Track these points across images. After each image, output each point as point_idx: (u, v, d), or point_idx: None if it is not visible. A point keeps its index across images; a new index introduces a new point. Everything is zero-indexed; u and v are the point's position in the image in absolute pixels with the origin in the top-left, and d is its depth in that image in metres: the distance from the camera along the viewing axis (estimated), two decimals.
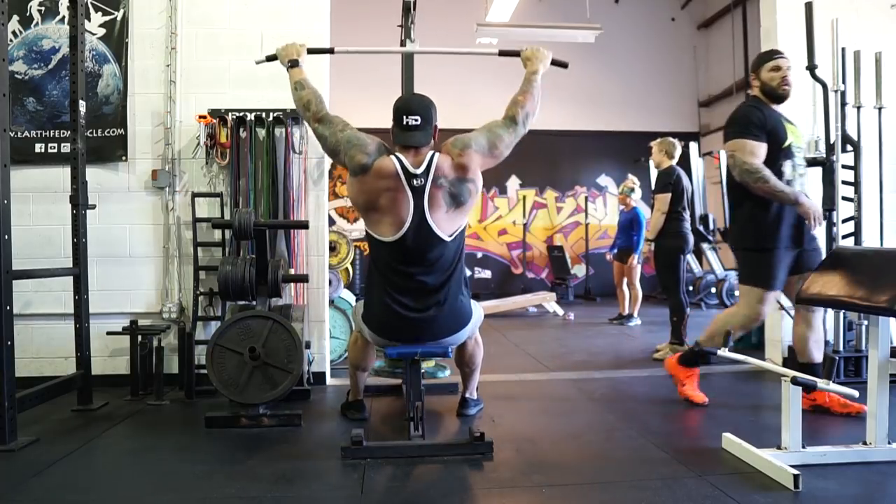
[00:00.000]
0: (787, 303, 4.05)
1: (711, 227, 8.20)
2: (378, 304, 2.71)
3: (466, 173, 2.64)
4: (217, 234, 3.82)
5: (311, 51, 2.98)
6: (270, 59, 2.97)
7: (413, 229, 2.58)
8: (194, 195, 3.78)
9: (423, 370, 2.93)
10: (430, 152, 2.64)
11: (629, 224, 6.82)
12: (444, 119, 2.71)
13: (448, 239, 2.63)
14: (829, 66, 3.87)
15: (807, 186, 3.25)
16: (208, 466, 2.49)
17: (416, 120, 2.62)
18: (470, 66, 9.69)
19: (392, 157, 2.61)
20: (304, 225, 3.49)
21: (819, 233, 4.03)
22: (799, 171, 3.19)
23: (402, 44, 3.61)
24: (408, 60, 3.58)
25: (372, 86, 8.93)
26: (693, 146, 8.36)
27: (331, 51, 3.18)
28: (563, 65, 3.02)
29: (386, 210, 2.60)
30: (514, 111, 2.79)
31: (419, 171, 2.58)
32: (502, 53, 3.11)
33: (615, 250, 7.07)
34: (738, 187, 3.17)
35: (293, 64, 2.86)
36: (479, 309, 2.98)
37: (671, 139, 4.95)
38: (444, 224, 2.61)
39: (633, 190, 6.89)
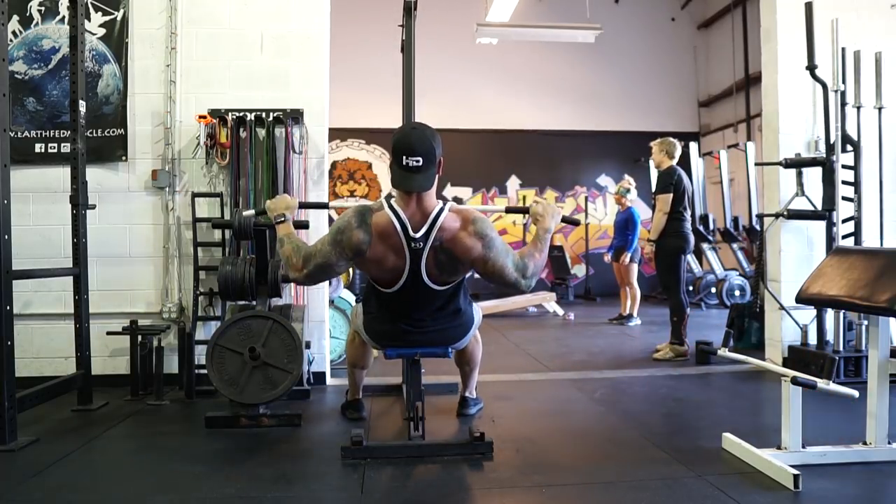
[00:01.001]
0: (785, 302, 4.05)
1: (711, 227, 8.20)
2: (376, 320, 2.69)
3: (463, 254, 2.42)
4: (217, 234, 3.82)
5: (303, 205, 2.93)
6: (259, 213, 2.96)
7: (409, 284, 2.47)
8: (194, 195, 3.78)
9: None
10: (437, 207, 2.43)
11: (624, 224, 6.85)
12: (444, 119, 2.69)
13: (446, 288, 2.54)
14: (829, 66, 3.87)
15: None
16: (208, 466, 2.49)
17: (418, 161, 2.33)
18: (470, 66, 9.70)
19: (387, 212, 2.41)
20: (304, 225, 3.48)
21: (818, 232, 4.05)
22: None
23: (403, 44, 3.61)
24: (408, 62, 3.58)
25: (372, 85, 8.94)
26: (693, 146, 8.36)
27: (325, 206, 3.19)
28: (575, 223, 2.93)
29: (387, 267, 2.46)
30: (528, 262, 2.47)
31: (419, 234, 2.39)
32: (509, 210, 3.06)
33: (612, 251, 7.09)
34: None
35: (280, 220, 2.69)
36: (478, 311, 2.96)
37: (671, 139, 4.95)
38: (441, 280, 2.50)
39: (628, 190, 6.91)
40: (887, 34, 4.20)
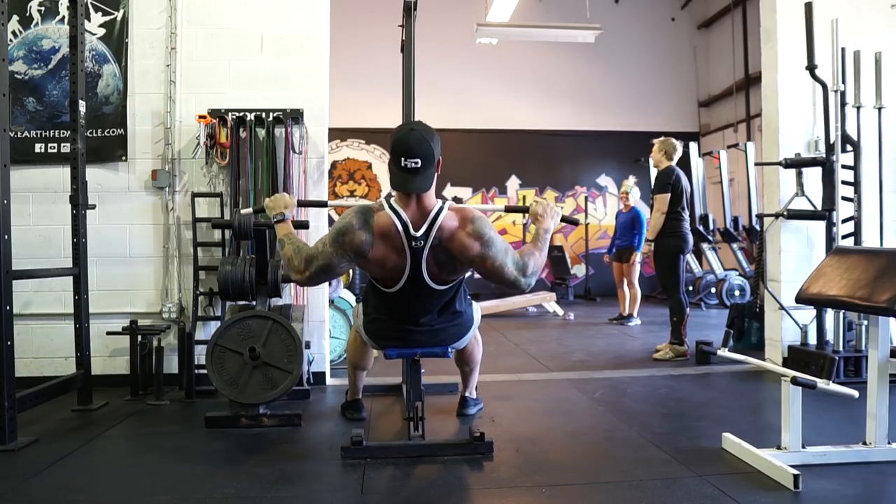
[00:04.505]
0: (785, 302, 4.05)
1: (711, 227, 8.20)
2: (376, 320, 2.69)
3: (462, 253, 2.40)
4: (217, 234, 3.82)
5: (301, 203, 2.94)
6: (258, 211, 2.95)
7: (409, 283, 2.46)
8: (194, 195, 3.78)
9: None
10: (436, 207, 2.42)
11: (630, 223, 6.82)
12: (444, 119, 2.69)
13: (447, 288, 2.54)
14: (829, 66, 3.87)
15: None
16: (208, 466, 2.49)
17: (416, 163, 2.32)
18: (470, 66, 9.70)
19: (388, 212, 2.40)
20: (304, 225, 3.48)
21: (818, 232, 4.06)
22: None
23: (403, 44, 3.61)
24: (407, 62, 3.58)
25: (372, 85, 8.94)
26: (693, 146, 8.36)
27: (324, 204, 3.18)
28: (574, 222, 2.92)
29: (388, 267, 2.46)
30: (528, 261, 2.46)
31: (419, 233, 2.38)
32: (509, 210, 3.02)
33: (613, 251, 7.08)
34: None
35: (279, 219, 2.65)
36: (478, 311, 2.96)
37: (672, 140, 4.94)
38: (441, 278, 2.50)
39: (632, 189, 6.93)
40: (887, 34, 4.20)
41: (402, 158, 2.33)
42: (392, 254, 2.41)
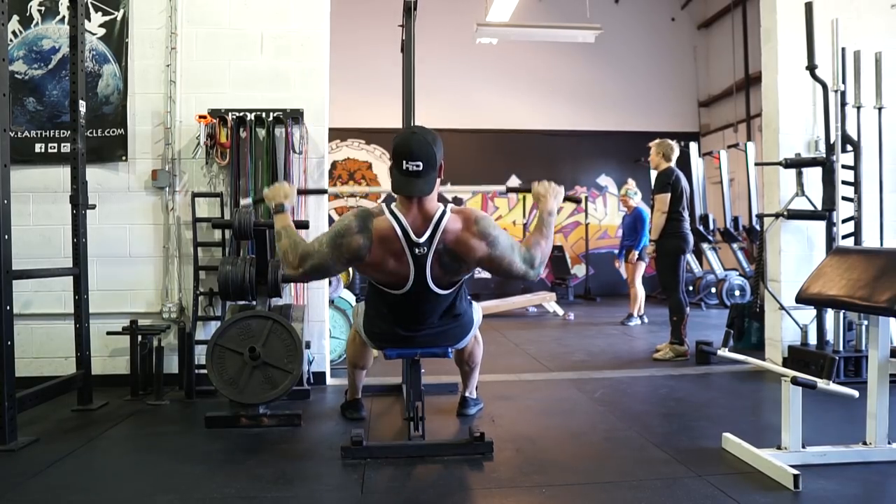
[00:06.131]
0: (785, 302, 4.06)
1: (711, 227, 8.20)
2: (377, 322, 2.68)
3: (468, 255, 2.39)
4: (217, 234, 3.82)
5: (301, 192, 2.93)
6: (257, 202, 2.96)
7: (414, 287, 2.43)
8: (194, 195, 3.78)
9: None
10: (439, 211, 2.39)
11: (633, 224, 6.85)
12: (444, 119, 2.69)
13: (450, 291, 2.52)
14: (829, 66, 3.87)
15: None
16: (208, 466, 2.49)
17: (418, 166, 2.31)
18: (470, 66, 9.69)
19: (388, 217, 2.38)
20: (304, 225, 3.48)
21: (818, 232, 4.06)
22: None
23: (403, 44, 3.61)
24: (407, 62, 3.58)
25: (372, 85, 8.94)
26: (693, 146, 8.36)
27: (324, 191, 3.16)
28: (577, 201, 2.95)
29: (389, 272, 2.43)
30: (535, 252, 2.45)
31: (422, 239, 2.36)
32: (510, 190, 3.05)
33: (621, 254, 7.08)
34: None
35: (279, 209, 2.62)
36: (478, 311, 2.96)
37: (669, 141, 4.96)
38: (445, 283, 2.48)
39: (636, 193, 6.93)
40: (887, 34, 4.20)
41: (404, 161, 2.32)
42: (391, 259, 2.38)
